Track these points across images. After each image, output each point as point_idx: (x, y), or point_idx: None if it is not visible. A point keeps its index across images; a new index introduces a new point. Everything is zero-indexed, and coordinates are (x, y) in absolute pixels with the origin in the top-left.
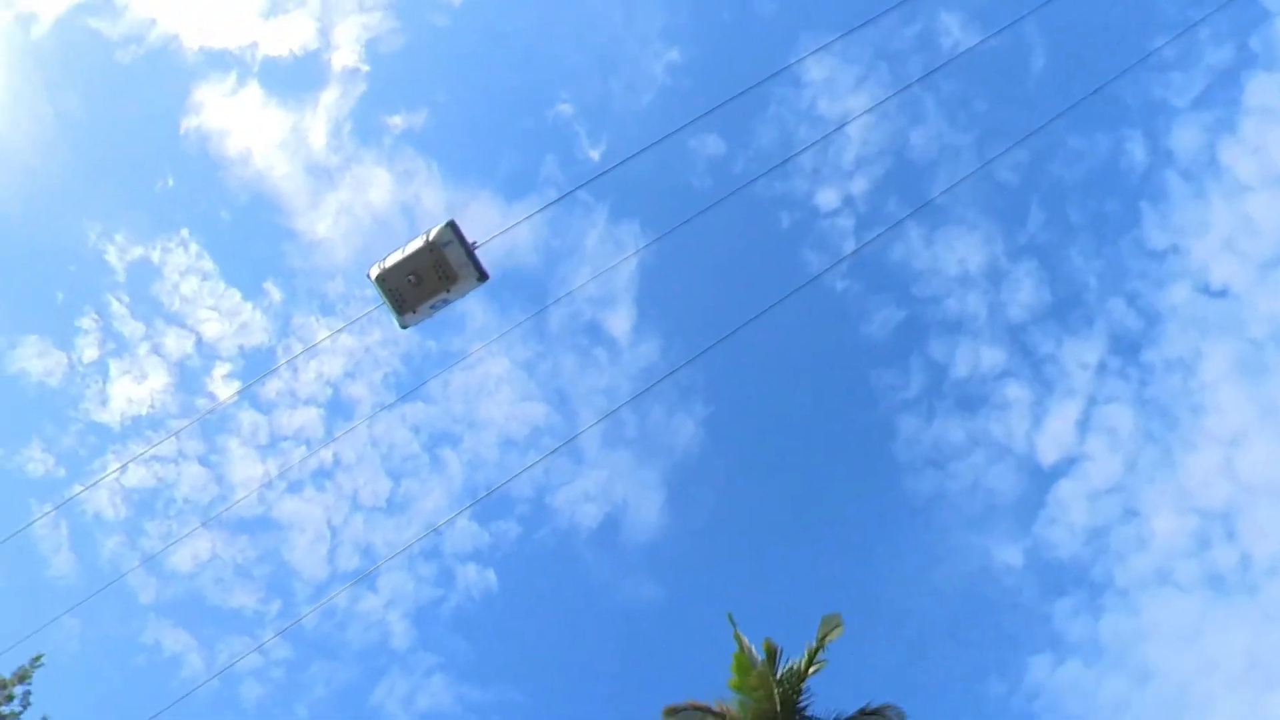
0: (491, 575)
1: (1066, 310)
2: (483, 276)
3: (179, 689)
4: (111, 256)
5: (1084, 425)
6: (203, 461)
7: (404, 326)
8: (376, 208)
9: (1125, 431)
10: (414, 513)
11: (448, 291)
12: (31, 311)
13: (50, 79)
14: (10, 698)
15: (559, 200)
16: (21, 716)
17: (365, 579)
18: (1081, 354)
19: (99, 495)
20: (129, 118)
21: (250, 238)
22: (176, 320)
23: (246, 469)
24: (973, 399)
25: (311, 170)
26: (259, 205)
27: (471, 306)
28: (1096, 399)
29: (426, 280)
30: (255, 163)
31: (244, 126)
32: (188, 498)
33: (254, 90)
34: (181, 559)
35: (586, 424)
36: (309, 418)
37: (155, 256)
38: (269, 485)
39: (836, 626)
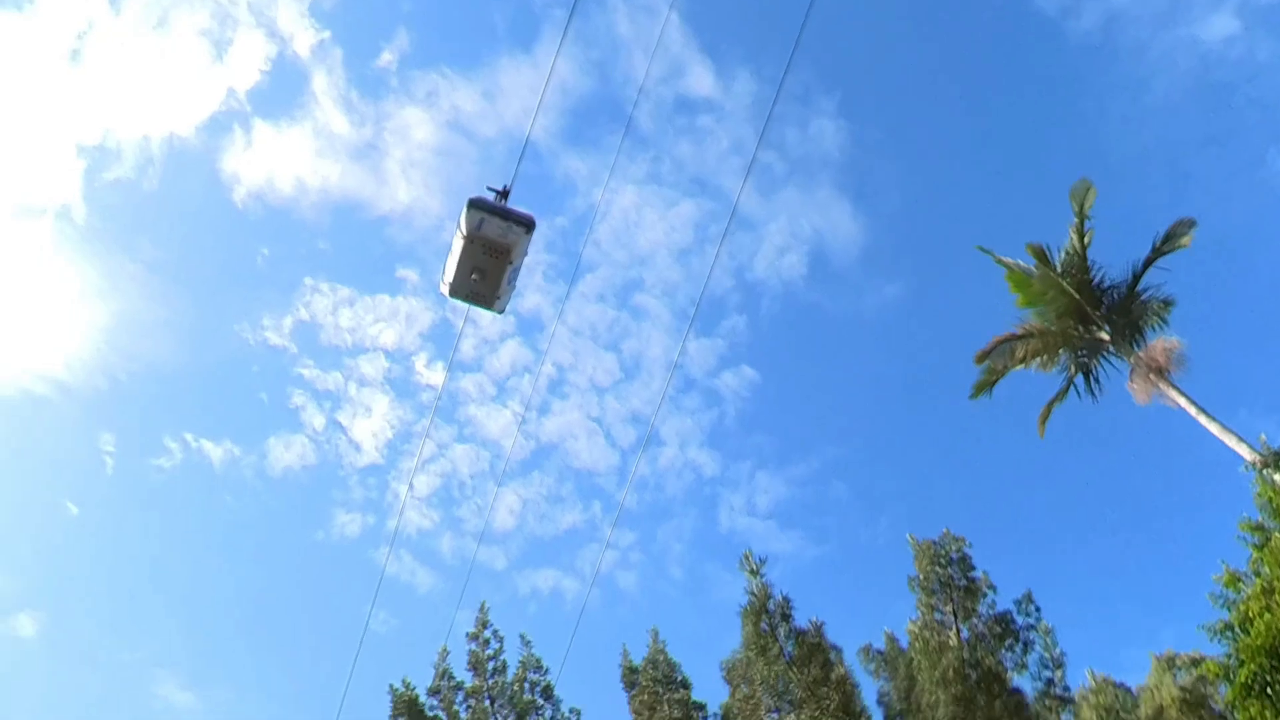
0: (746, 370)
1: None
2: (530, 227)
3: (570, 615)
4: (274, 338)
5: None
6: (461, 439)
7: (500, 312)
8: (431, 141)
9: None
10: (647, 363)
11: (510, 263)
12: (251, 420)
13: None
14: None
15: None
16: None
17: (650, 440)
18: None
19: (410, 516)
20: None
21: (356, 246)
22: (358, 349)
23: (496, 421)
24: None
25: (355, 154)
26: (341, 215)
27: (566, 164)
28: None
29: (488, 268)
30: (310, 183)
31: (278, 160)
32: (471, 474)
33: (261, 127)
34: (502, 519)
35: (736, 188)
36: (512, 350)
37: (303, 315)
38: (523, 420)
39: (1088, 191)
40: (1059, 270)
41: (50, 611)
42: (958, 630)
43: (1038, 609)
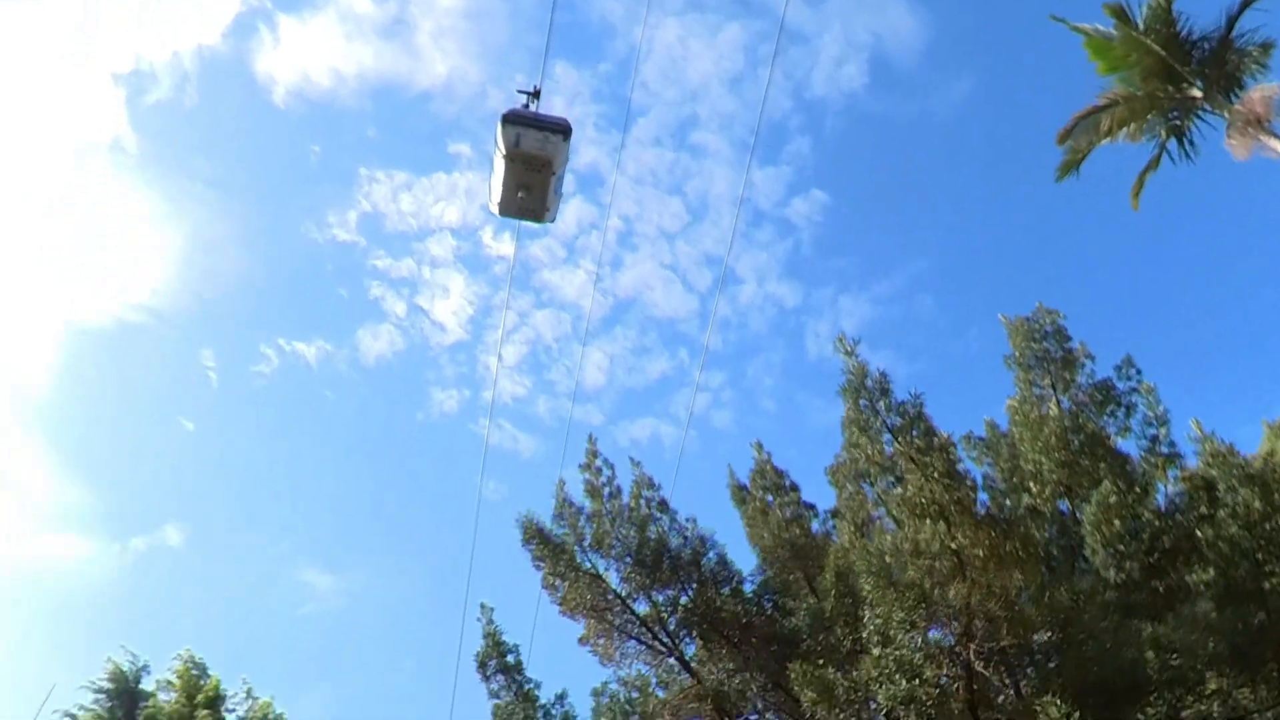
0: (816, 194)
1: None
2: (567, 133)
3: (670, 459)
4: (341, 234)
5: None
6: (540, 305)
7: (551, 222)
8: (458, 5)
9: None
10: (713, 201)
11: (553, 174)
12: (336, 316)
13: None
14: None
15: None
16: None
17: (727, 279)
18: None
19: (504, 385)
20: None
21: (403, 128)
22: (425, 231)
23: (571, 283)
24: None
25: (384, 33)
26: (382, 98)
27: (601, 6)
28: None
29: (533, 183)
30: (345, 71)
31: (308, 54)
32: (555, 337)
33: (286, 21)
34: (592, 376)
35: (782, 2)
36: (576, 209)
37: (364, 206)
38: (598, 278)
39: None
40: (1142, 29)
41: (191, 520)
42: (1057, 402)
43: (1138, 371)
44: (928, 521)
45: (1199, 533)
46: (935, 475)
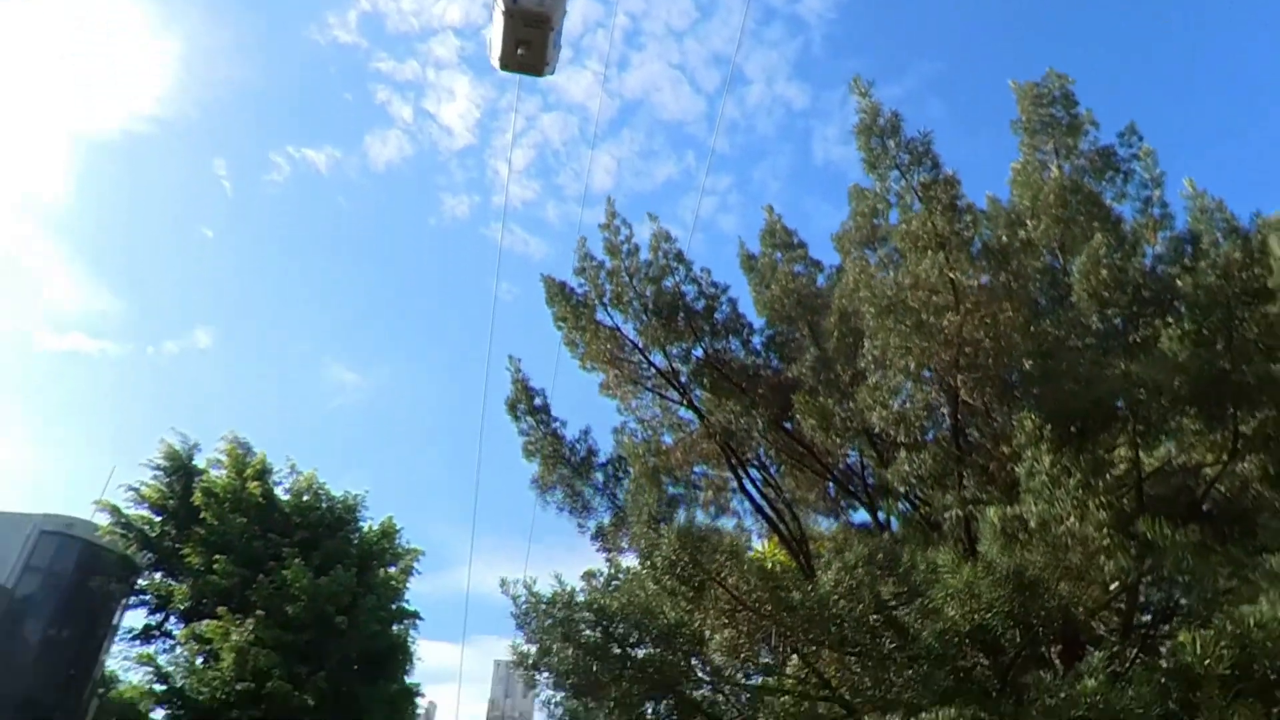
0: None
1: None
2: None
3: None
4: (343, 35)
5: None
6: (547, 108)
7: (551, 74)
8: None
9: None
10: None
11: (552, 29)
12: (343, 122)
13: None
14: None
15: None
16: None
17: (735, 80)
18: None
19: (513, 190)
20: None
21: None
22: (427, 31)
23: (578, 84)
24: None
25: None
26: None
27: None
28: None
29: (532, 39)
30: None
31: None
32: (563, 140)
33: None
34: (600, 180)
35: None
36: (581, 6)
37: (364, 4)
38: (605, 79)
39: None
40: None
41: (219, 324)
42: (1059, 166)
43: (1140, 138)
44: (929, 253)
45: (1179, 283)
46: (939, 208)
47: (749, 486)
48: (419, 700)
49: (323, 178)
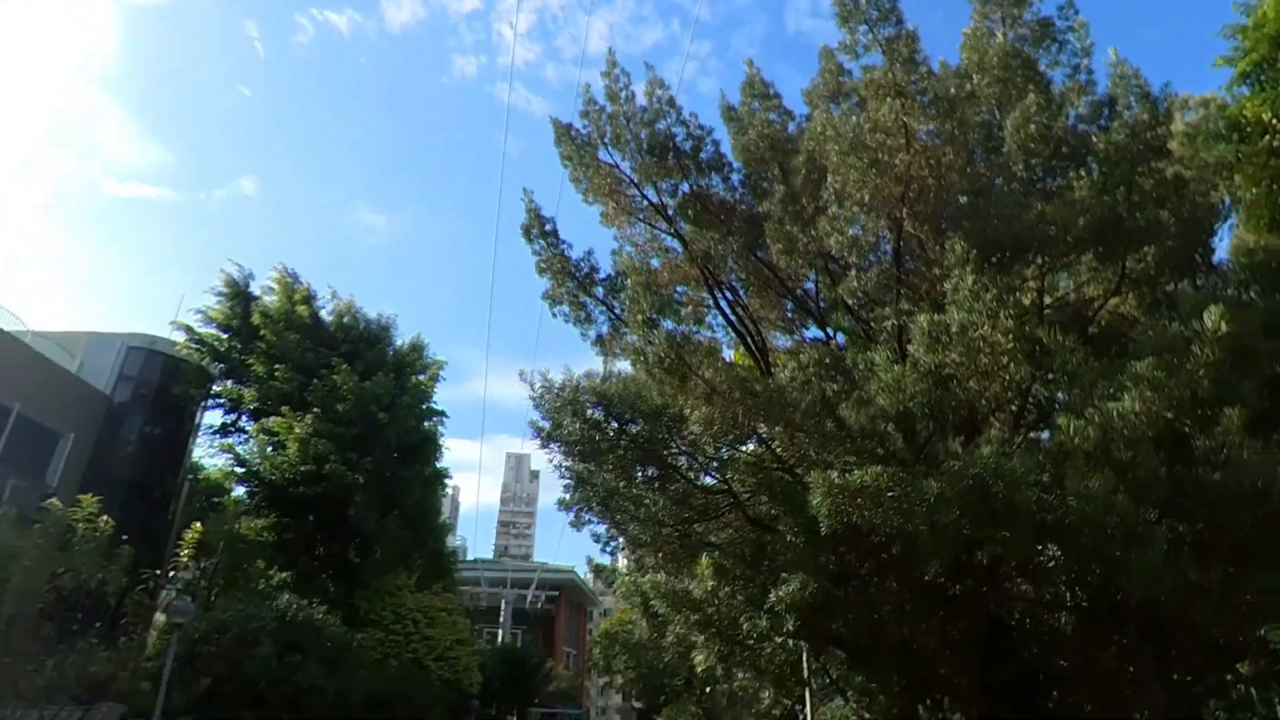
0: None
1: None
2: None
3: None
4: None
5: None
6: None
7: None
8: None
9: None
10: None
11: None
12: None
13: None
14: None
15: None
16: None
17: None
18: None
19: (517, 52)
20: None
21: None
22: None
23: None
24: None
25: None
26: None
27: None
28: None
29: None
30: None
31: None
32: (560, 5)
33: None
34: (595, 44)
35: None
36: None
37: None
38: None
39: None
40: None
41: (262, 174)
42: (1004, 34)
43: (1076, 12)
44: (887, 100)
45: (1095, 140)
46: (899, 60)
47: (723, 305)
48: (446, 483)
49: (344, 39)
